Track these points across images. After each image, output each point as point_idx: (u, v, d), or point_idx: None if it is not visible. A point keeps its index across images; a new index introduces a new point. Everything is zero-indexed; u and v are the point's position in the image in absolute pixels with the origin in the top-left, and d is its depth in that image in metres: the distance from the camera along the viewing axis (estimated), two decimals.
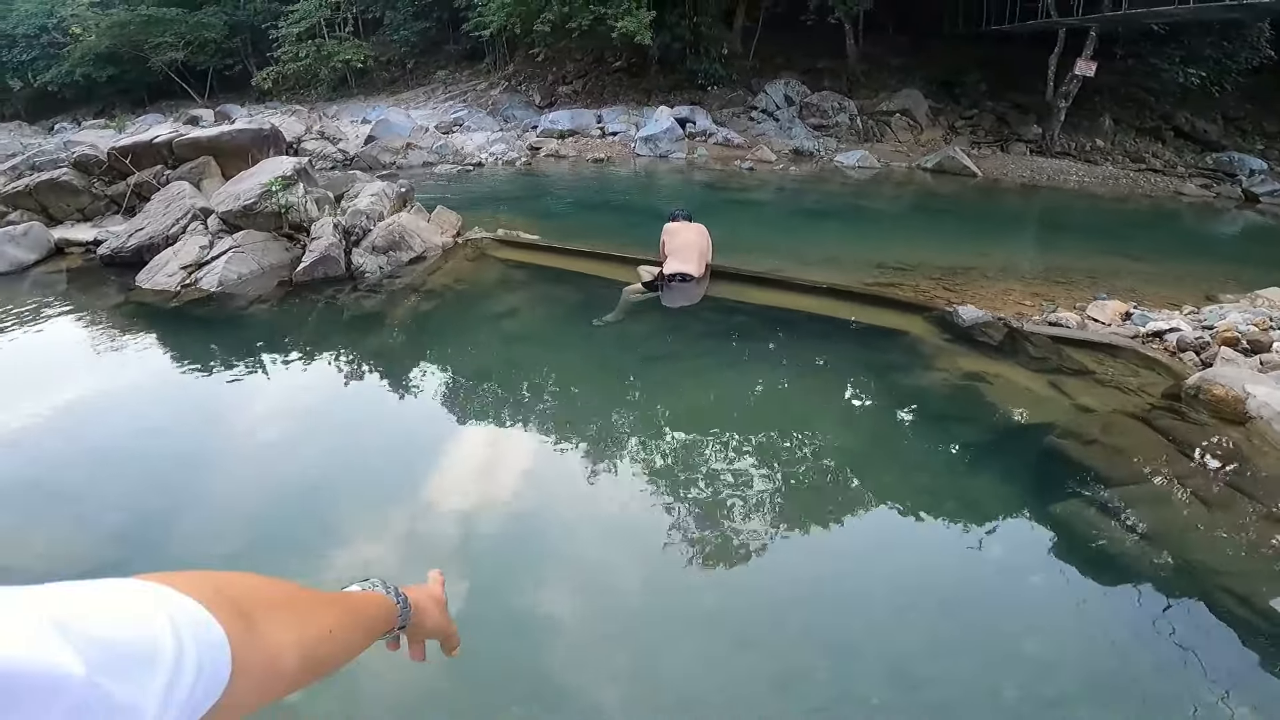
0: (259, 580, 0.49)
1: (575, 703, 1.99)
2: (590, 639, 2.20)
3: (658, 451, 3.25)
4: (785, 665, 2.09)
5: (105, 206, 6.90)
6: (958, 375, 3.84)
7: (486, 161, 11.81)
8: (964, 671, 2.04)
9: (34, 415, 3.42)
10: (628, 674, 2.09)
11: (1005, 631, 2.21)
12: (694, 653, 2.12)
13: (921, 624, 2.23)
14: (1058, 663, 2.08)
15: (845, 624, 2.25)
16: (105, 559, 2.49)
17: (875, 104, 14.46)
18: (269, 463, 3.18)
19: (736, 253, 5.85)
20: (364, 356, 4.28)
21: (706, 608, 2.33)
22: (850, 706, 1.92)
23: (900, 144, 13.66)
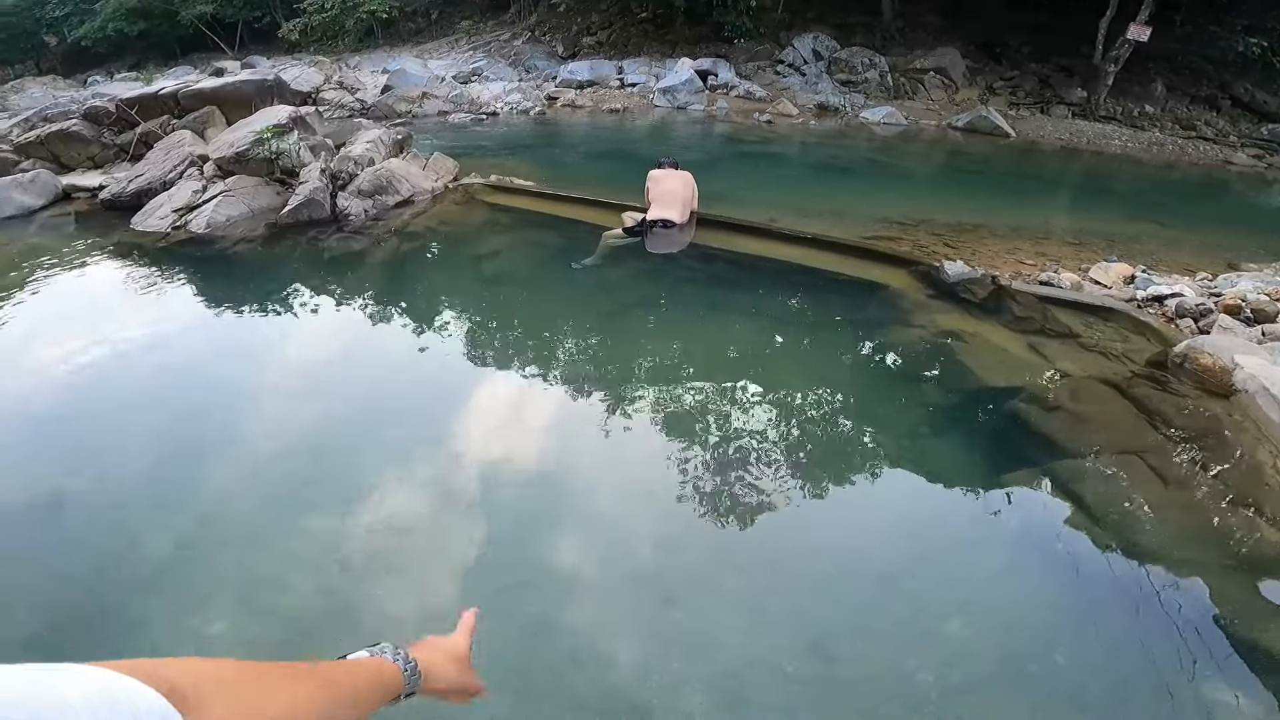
0: (213, 666, 0.47)
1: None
2: (502, 582, 2.19)
3: (617, 395, 3.21)
4: (704, 626, 2.03)
5: (115, 155, 7.04)
6: (933, 332, 3.68)
7: (501, 111, 11.66)
8: (882, 649, 1.95)
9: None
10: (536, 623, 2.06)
11: (932, 610, 2.10)
12: (614, 606, 2.08)
13: (849, 596, 2.16)
14: (976, 647, 1.98)
15: (772, 589, 2.18)
16: (95, 494, 2.60)
17: (909, 62, 13.69)
18: (232, 397, 3.24)
19: (736, 203, 5.71)
20: (336, 294, 4.33)
21: (635, 560, 2.29)
22: (761, 673, 1.86)
23: (933, 102, 12.94)
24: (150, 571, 2.17)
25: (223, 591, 2.11)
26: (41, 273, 4.55)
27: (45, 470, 2.66)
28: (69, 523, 2.40)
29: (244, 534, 2.35)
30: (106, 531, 2.35)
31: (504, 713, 1.72)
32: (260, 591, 2.11)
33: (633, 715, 1.74)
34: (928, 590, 2.18)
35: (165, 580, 2.14)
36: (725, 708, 1.77)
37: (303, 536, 2.32)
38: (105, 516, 2.42)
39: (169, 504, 2.48)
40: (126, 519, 2.40)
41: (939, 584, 2.22)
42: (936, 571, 2.28)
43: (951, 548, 2.41)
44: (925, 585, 2.20)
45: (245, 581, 2.15)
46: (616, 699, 1.78)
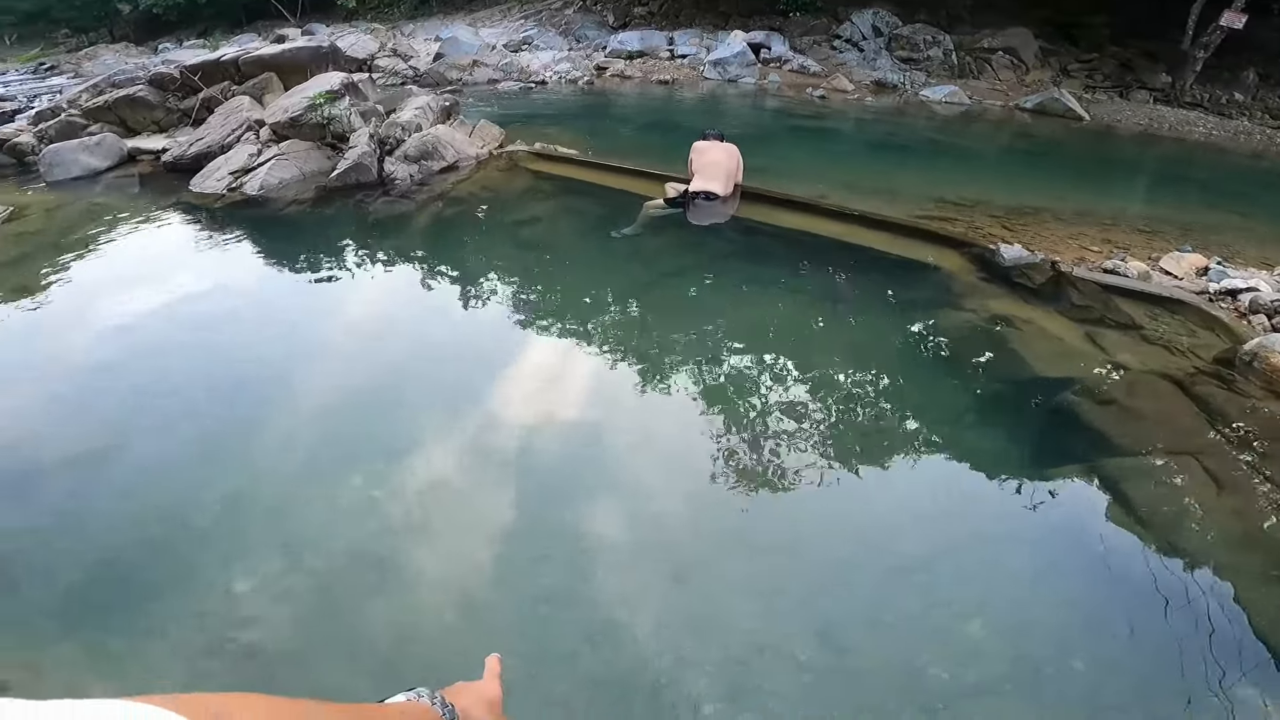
0: (261, 703, 0.47)
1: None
2: (524, 551, 2.21)
3: (651, 366, 3.20)
4: (717, 608, 1.99)
5: (178, 119, 7.29)
6: (983, 317, 3.53)
7: (550, 80, 11.61)
8: (896, 643, 1.89)
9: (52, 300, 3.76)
10: (552, 595, 2.07)
11: (952, 606, 2.02)
12: (632, 582, 2.07)
13: (867, 586, 2.09)
14: (993, 646, 1.90)
15: (788, 573, 2.13)
16: (145, 444, 2.75)
17: (976, 40, 12.98)
18: (280, 354, 3.34)
19: (783, 177, 5.57)
20: (380, 257, 4.43)
21: (656, 535, 2.27)
22: (771, 659, 1.82)
23: (1000, 83, 12.27)
24: (193, 526, 2.24)
25: (261, 548, 2.15)
26: (104, 231, 4.76)
27: (101, 421, 2.78)
28: (119, 474, 2.49)
29: (284, 491, 2.42)
30: (153, 485, 2.44)
31: (514, 684, 1.71)
32: (297, 549, 2.15)
33: (640, 693, 1.73)
34: (949, 585, 2.10)
35: (207, 535, 2.20)
36: (731, 692, 1.74)
37: (340, 495, 2.38)
38: (153, 470, 2.51)
39: (214, 459, 2.56)
40: (172, 474, 2.49)
41: (961, 579, 2.13)
42: (960, 566, 2.19)
43: (979, 542, 2.32)
44: (947, 579, 2.12)
45: (284, 538, 2.19)
46: (625, 676, 1.77)
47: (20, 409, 2.85)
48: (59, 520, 2.29)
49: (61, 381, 3.05)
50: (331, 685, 1.74)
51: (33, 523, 2.27)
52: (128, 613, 1.94)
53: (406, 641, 1.86)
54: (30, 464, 2.52)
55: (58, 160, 5.96)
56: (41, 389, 3.00)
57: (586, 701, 1.71)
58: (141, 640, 1.86)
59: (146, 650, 1.83)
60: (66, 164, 5.96)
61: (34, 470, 2.49)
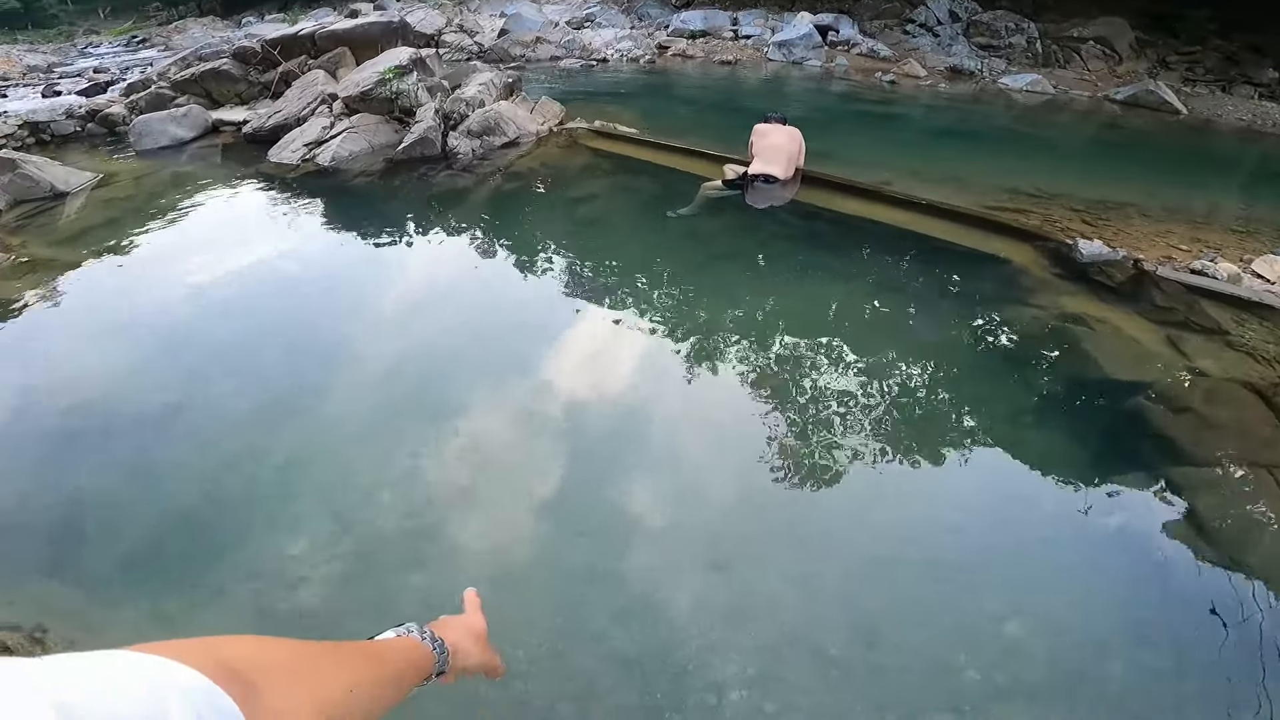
0: (265, 644, 0.46)
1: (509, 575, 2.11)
2: (564, 527, 2.26)
3: (700, 346, 3.20)
4: (751, 595, 1.99)
5: (259, 92, 7.61)
6: (1056, 314, 3.39)
7: (611, 58, 11.57)
8: (930, 641, 1.86)
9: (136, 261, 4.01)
10: (588, 572, 2.11)
11: (991, 607, 1.97)
12: (667, 563, 2.09)
13: (906, 582, 2.06)
14: (1031, 650, 1.85)
15: (826, 565, 2.11)
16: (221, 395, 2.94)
17: (1064, 29, 12.18)
18: (343, 319, 3.49)
19: (846, 163, 5.44)
20: (441, 228, 4.57)
21: (694, 518, 2.28)
22: (800, 650, 1.82)
23: (1089, 73, 11.50)
24: (253, 487, 2.35)
25: (315, 511, 2.24)
26: (187, 198, 5.05)
27: (175, 381, 2.95)
28: (186, 433, 2.62)
29: (339, 454, 2.52)
30: (218, 445, 2.56)
31: (543, 659, 1.77)
32: (349, 513, 2.24)
33: (665, 675, 1.75)
34: (992, 585, 2.05)
35: (266, 496, 2.31)
36: (757, 681, 1.74)
37: (391, 460, 2.47)
38: (218, 430, 2.64)
39: (277, 420, 2.68)
40: (236, 434, 2.61)
41: (1005, 580, 2.08)
42: (1006, 566, 2.14)
43: (1028, 543, 2.25)
44: (990, 579, 2.07)
45: (337, 502, 2.28)
46: (652, 657, 1.79)
47: (101, 367, 3.05)
48: (129, 476, 2.42)
49: (141, 341, 3.27)
50: None
51: (105, 478, 2.40)
52: (188, 571, 2.04)
53: (445, 610, 1.92)
54: (106, 420, 2.69)
55: (146, 130, 6.33)
56: (122, 347, 3.22)
57: (611, 680, 1.73)
58: (199, 600, 1.95)
59: (204, 610, 1.92)
60: (154, 134, 6.32)
61: (109, 427, 2.66)
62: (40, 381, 2.94)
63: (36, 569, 2.06)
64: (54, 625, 1.85)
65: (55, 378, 2.96)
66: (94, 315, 3.53)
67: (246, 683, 0.39)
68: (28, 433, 2.64)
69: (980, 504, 2.41)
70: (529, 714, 1.65)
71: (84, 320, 3.47)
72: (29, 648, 1.76)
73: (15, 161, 4.93)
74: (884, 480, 2.47)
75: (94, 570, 2.08)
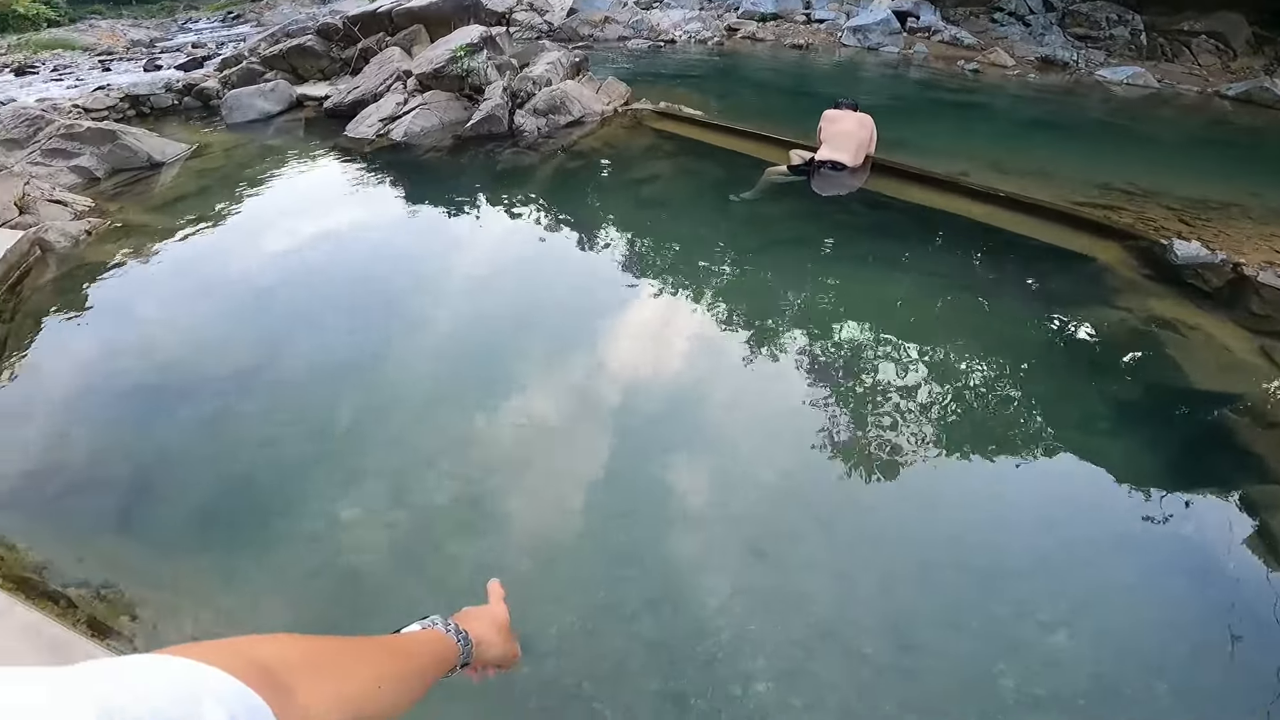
0: (294, 642, 0.47)
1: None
2: (608, 507, 2.27)
3: (757, 331, 3.15)
4: (788, 587, 1.95)
5: (340, 68, 7.90)
6: (1141, 317, 3.16)
7: (679, 39, 11.45)
8: (968, 647, 1.78)
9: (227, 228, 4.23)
10: (627, 554, 2.10)
11: (1037, 616, 1.87)
12: (707, 549, 2.07)
13: (950, 585, 1.97)
14: (1073, 661, 1.75)
15: (869, 562, 2.05)
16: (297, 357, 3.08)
17: (1173, 22, 11.22)
18: (410, 288, 3.60)
19: (920, 151, 5.23)
20: (505, 204, 4.64)
21: (739, 505, 2.25)
22: (833, 647, 1.77)
23: (1199, 68, 10.57)
24: (317, 450, 2.43)
25: (372, 477, 2.31)
26: (272, 169, 5.31)
27: (252, 344, 3.09)
28: (259, 395, 2.75)
29: (399, 421, 2.59)
30: (287, 408, 2.66)
31: (575, 638, 1.79)
32: (403, 480, 2.30)
33: (693, 662, 1.73)
34: (1042, 593, 1.94)
35: (328, 460, 2.39)
36: (785, 675, 1.70)
37: (447, 430, 2.53)
38: (289, 393, 2.75)
39: (343, 385, 2.77)
40: (305, 397, 2.72)
41: (1057, 589, 1.97)
42: (1060, 575, 2.02)
43: (1087, 553, 2.12)
44: (1041, 587, 1.97)
45: (394, 469, 2.35)
46: (682, 643, 1.78)
47: (183, 328, 3.23)
48: (201, 436, 2.54)
49: (220, 304, 3.45)
50: (413, 615, 1.88)
51: (179, 437, 2.53)
52: (251, 530, 2.13)
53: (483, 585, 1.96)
54: (184, 380, 2.84)
55: (237, 104, 6.67)
56: (203, 310, 3.41)
57: (639, 663, 1.73)
58: (260, 557, 2.03)
59: (264, 568, 2.00)
60: (244, 107, 6.65)
61: (187, 386, 2.80)
62: (126, 341, 3.15)
63: (110, 525, 2.16)
64: (122, 582, 1.93)
65: (140, 337, 3.16)
66: (179, 279, 3.75)
67: (277, 682, 0.40)
68: (112, 390, 2.81)
69: (1042, 510, 2.28)
70: (555, 692, 1.66)
71: (169, 283, 3.69)
72: (94, 604, 1.83)
73: (115, 133, 5.28)
74: (939, 479, 2.37)
75: (162, 528, 2.17)
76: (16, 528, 2.12)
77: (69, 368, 2.93)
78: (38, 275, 3.65)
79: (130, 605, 1.86)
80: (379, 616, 1.83)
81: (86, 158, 5.08)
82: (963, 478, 2.40)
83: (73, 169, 4.99)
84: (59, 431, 2.56)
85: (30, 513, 2.20)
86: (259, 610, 1.88)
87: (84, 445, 2.51)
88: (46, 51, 12.93)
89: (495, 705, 1.65)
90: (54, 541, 2.07)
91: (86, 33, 15.22)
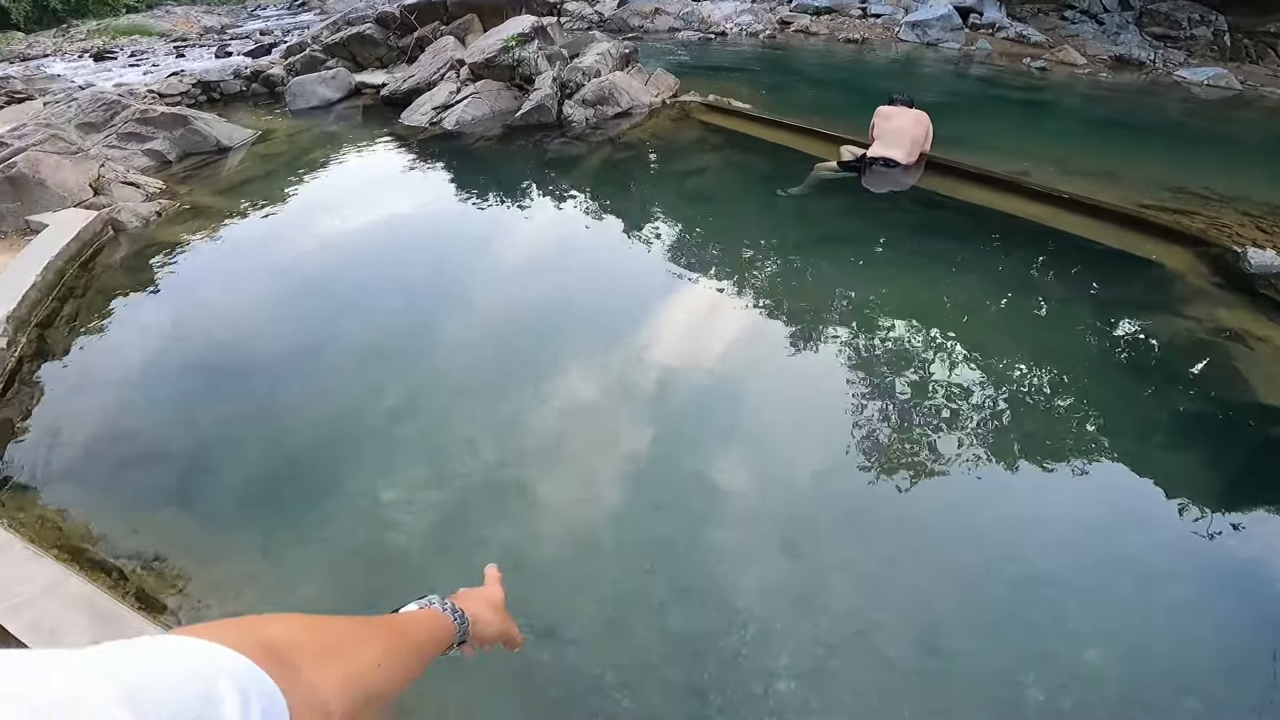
0: (300, 623, 0.49)
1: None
2: (642, 499, 2.28)
3: (801, 327, 3.11)
4: (817, 585, 1.93)
5: (397, 56, 8.08)
6: (1208, 327, 3.00)
7: (730, 31, 11.31)
8: (998, 657, 1.73)
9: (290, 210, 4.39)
10: (657, 548, 2.11)
11: (1075, 630, 1.80)
12: (737, 545, 2.05)
13: (984, 592, 1.92)
14: (1106, 677, 1.68)
15: (902, 565, 2.00)
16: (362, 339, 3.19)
17: (1260, 23, 10.54)
18: (459, 272, 3.68)
19: (978, 149, 5.08)
20: (552, 193, 4.69)
21: (773, 502, 2.23)
22: (858, 649, 1.74)
23: None
24: (361, 432, 2.50)
25: (413, 459, 2.36)
26: (331, 155, 5.48)
27: (307, 325, 3.20)
28: (310, 376, 2.83)
29: (442, 404, 2.64)
30: (336, 388, 2.73)
31: (599, 627, 1.79)
32: (442, 464, 2.34)
33: (716, 657, 1.73)
34: (1079, 606, 1.88)
35: (371, 441, 2.44)
36: (808, 675, 1.68)
37: (487, 414, 2.57)
38: (338, 374, 2.82)
39: (391, 367, 2.83)
40: (354, 378, 2.79)
41: (1096, 603, 1.89)
42: (1100, 589, 1.94)
43: (1133, 569, 2.02)
44: (1078, 600, 1.90)
45: (433, 451, 2.39)
46: (706, 637, 1.77)
47: (244, 308, 3.36)
48: (256, 412, 2.62)
49: (279, 285, 3.58)
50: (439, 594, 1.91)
51: (235, 412, 2.63)
52: (293, 510, 2.19)
53: (517, 568, 1.98)
54: (243, 358, 2.95)
55: (300, 91, 6.90)
56: (263, 290, 3.54)
57: (662, 655, 1.73)
58: (303, 535, 2.10)
59: (305, 546, 2.06)
60: (306, 94, 6.88)
61: (245, 364, 2.91)
62: (188, 319, 3.29)
63: (163, 498, 2.25)
64: (172, 555, 2.00)
65: (201, 316, 3.30)
66: (241, 259, 3.91)
67: (284, 661, 0.42)
68: (172, 365, 2.94)
69: (1089, 521, 2.19)
70: (576, 680, 1.68)
71: (231, 263, 3.85)
72: (144, 577, 1.91)
73: (187, 118, 5.53)
74: (984, 485, 2.30)
75: (212, 503, 2.25)
76: (78, 498, 2.22)
77: (133, 343, 3.08)
78: (109, 254, 3.85)
79: (178, 579, 1.94)
80: (410, 594, 1.84)
81: (159, 141, 5.34)
82: (1009, 485, 2.32)
83: (146, 152, 5.25)
84: (121, 404, 2.69)
85: (91, 484, 2.31)
86: (300, 586, 1.94)
87: (142, 419, 2.62)
88: (124, 37, 13.61)
89: (517, 692, 1.68)
90: (110, 513, 2.17)
91: (162, 19, 15.95)
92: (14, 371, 2.81)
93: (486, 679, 1.70)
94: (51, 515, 2.13)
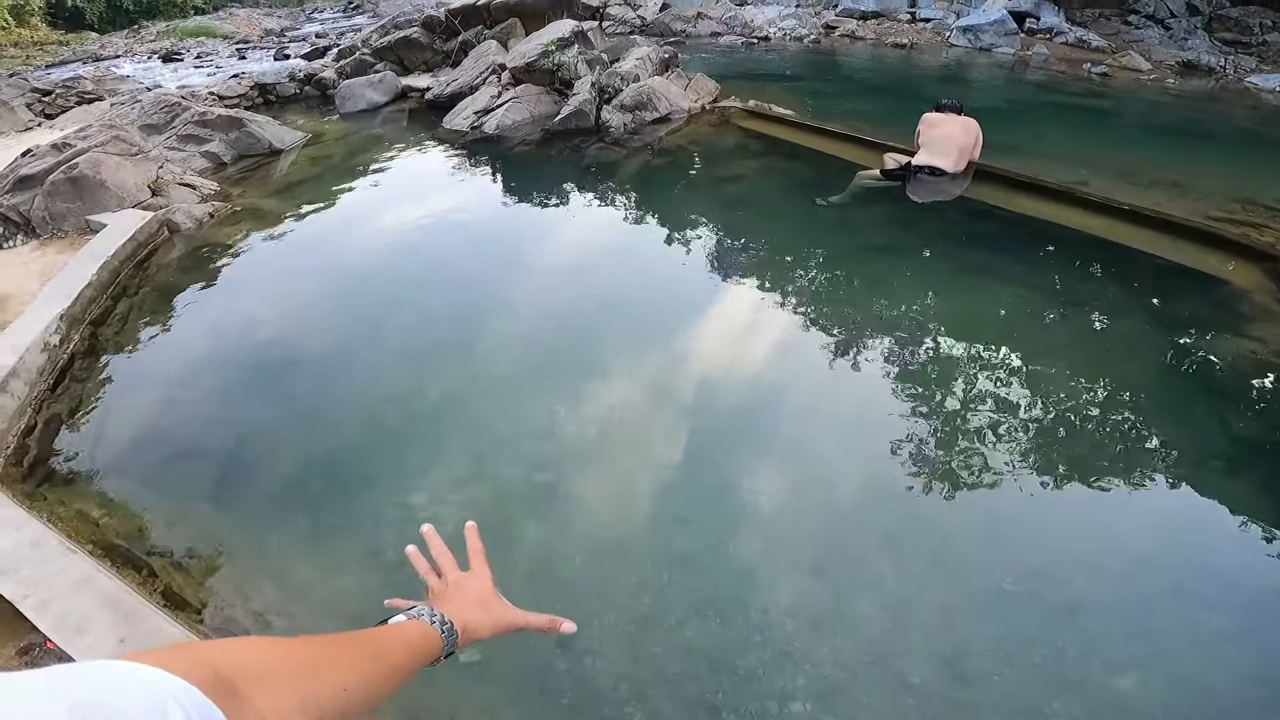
0: (255, 647, 0.49)
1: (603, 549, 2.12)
2: (668, 510, 2.25)
3: (840, 339, 3.04)
4: (842, 605, 1.87)
5: (441, 60, 8.23)
6: (1274, 349, 2.81)
7: (774, 36, 11.18)
8: (1026, 684, 1.65)
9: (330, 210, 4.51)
10: (680, 559, 2.09)
11: (1111, 658, 1.70)
12: (763, 560, 2.01)
13: (1015, 617, 1.83)
14: (1137, 707, 1.61)
15: (930, 587, 1.93)
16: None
17: None
18: (498, 273, 3.71)
19: (1031, 157, 4.90)
20: (589, 198, 4.71)
21: (804, 517, 2.18)
22: (879, 673, 1.68)
23: None
24: (396, 433, 2.52)
25: (444, 462, 2.37)
26: (378, 157, 5.60)
27: (350, 324, 3.26)
28: (350, 375, 2.88)
29: (476, 407, 2.66)
30: (374, 389, 2.77)
31: (617, 638, 1.77)
32: (473, 467, 2.35)
33: (731, 675, 1.69)
34: (1117, 634, 1.78)
35: (406, 443, 2.46)
36: (825, 697, 1.63)
37: (520, 419, 2.57)
38: (377, 374, 2.86)
39: (429, 368, 2.87)
40: (392, 379, 2.82)
41: (1135, 633, 1.79)
42: (1141, 618, 1.84)
43: (1177, 599, 1.91)
44: (1117, 629, 1.79)
45: (466, 454, 2.40)
46: (723, 655, 1.74)
47: (291, 307, 3.45)
48: (297, 411, 2.67)
49: (326, 285, 3.66)
50: None
51: (277, 411, 2.68)
52: (327, 508, 2.22)
53: (539, 575, 1.98)
54: (287, 355, 3.02)
55: (349, 94, 7.09)
56: (310, 290, 3.63)
57: (678, 669, 1.70)
58: (330, 535, 2.12)
59: (332, 546, 2.08)
60: (355, 97, 7.06)
61: (289, 364, 2.98)
62: (237, 318, 3.39)
63: (200, 495, 2.30)
64: (205, 553, 2.05)
65: (250, 316, 3.40)
66: (289, 260, 4.02)
67: (232, 691, 0.42)
68: (220, 364, 3.03)
69: (1136, 549, 2.08)
70: (590, 689, 1.66)
71: (279, 265, 3.96)
72: (173, 574, 1.95)
73: (242, 120, 5.73)
74: (1024, 508, 2.20)
75: (248, 500, 2.29)
76: (117, 493, 2.29)
77: (181, 342, 3.19)
78: (164, 254, 4.01)
79: (207, 576, 1.97)
80: (423, 595, 1.85)
81: (216, 143, 5.55)
82: (1053, 509, 2.22)
83: (203, 154, 5.46)
84: (166, 402, 2.78)
85: (131, 479, 2.38)
86: (326, 586, 1.97)
87: (186, 416, 2.70)
88: (191, 39, 14.25)
89: (531, 699, 1.67)
90: (148, 509, 2.23)
91: (226, 21, 16.64)
92: (65, 368, 2.92)
93: (501, 685, 1.69)
94: (90, 510, 2.20)
